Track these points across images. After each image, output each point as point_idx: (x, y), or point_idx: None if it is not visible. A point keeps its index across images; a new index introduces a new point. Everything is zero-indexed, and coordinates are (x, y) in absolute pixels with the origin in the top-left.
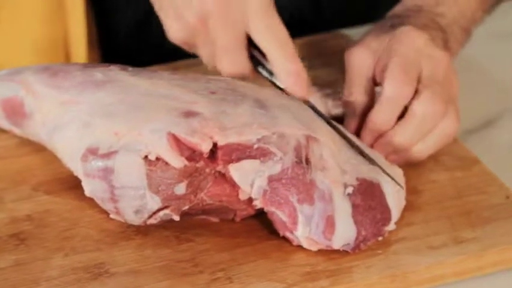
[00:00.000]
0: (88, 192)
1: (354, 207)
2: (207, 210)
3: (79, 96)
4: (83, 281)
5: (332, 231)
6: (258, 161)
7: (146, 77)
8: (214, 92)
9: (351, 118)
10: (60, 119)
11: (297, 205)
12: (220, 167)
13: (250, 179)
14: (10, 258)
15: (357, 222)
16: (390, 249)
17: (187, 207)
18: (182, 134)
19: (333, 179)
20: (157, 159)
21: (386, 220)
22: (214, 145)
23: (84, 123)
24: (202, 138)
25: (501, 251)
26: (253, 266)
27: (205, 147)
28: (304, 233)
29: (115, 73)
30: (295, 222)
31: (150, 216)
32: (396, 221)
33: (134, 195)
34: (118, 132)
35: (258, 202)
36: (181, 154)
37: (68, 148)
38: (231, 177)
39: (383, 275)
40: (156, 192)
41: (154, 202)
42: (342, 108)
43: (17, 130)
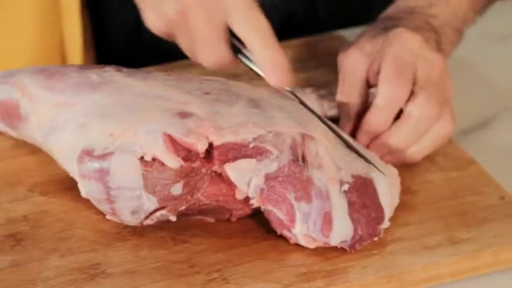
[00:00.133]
0: (84, 194)
1: (350, 204)
2: (203, 211)
3: (74, 97)
4: (79, 281)
5: (330, 228)
6: (254, 160)
7: (141, 78)
8: (208, 93)
9: (346, 120)
10: (55, 120)
11: (294, 202)
12: (216, 166)
13: (246, 178)
14: (6, 259)
15: (353, 220)
16: (386, 250)
17: (184, 208)
18: (178, 135)
19: (330, 176)
20: (153, 159)
21: (380, 219)
22: (210, 145)
23: (79, 124)
24: (198, 138)
25: (496, 252)
26: (249, 267)
27: (201, 147)
28: (302, 230)
29: (110, 74)
30: (293, 220)
31: (147, 216)
32: (391, 219)
33: (131, 196)
34: (113, 134)
35: (255, 201)
36: (177, 154)
37: (63, 150)
38: (227, 176)
39: (379, 276)
40: (152, 193)
41: (150, 203)
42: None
43: (12, 132)
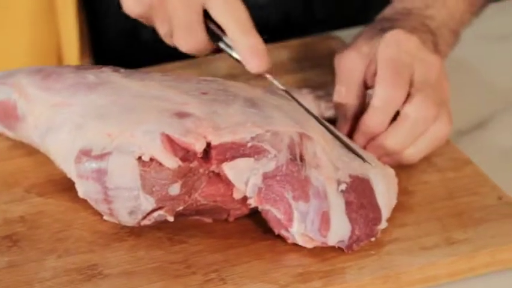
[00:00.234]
0: (82, 194)
1: (348, 204)
2: (200, 211)
3: (71, 98)
4: (76, 282)
5: (327, 228)
6: (252, 159)
7: (138, 79)
8: (205, 93)
9: (343, 122)
10: (52, 121)
11: (292, 202)
12: (214, 166)
13: (244, 177)
14: (3, 260)
15: (351, 220)
16: (383, 250)
17: (182, 208)
18: (176, 135)
19: (327, 175)
20: (151, 160)
21: (377, 219)
22: (208, 145)
23: (77, 125)
24: (196, 138)
25: (493, 252)
26: (246, 267)
27: (198, 147)
28: (299, 229)
29: (107, 75)
30: (290, 219)
31: (144, 217)
32: (388, 220)
33: (128, 196)
34: (111, 134)
35: (253, 200)
36: (175, 154)
37: (61, 150)
38: (225, 176)
39: (376, 276)
40: (150, 193)
41: (148, 203)
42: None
43: (9, 133)
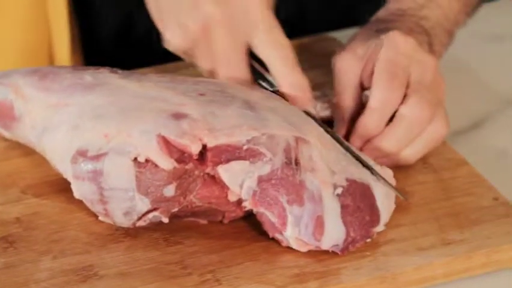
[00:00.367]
0: (77, 195)
1: (343, 207)
2: (195, 213)
3: (68, 98)
4: (72, 283)
5: (321, 232)
6: (247, 162)
7: (136, 80)
8: (202, 94)
9: (341, 123)
10: (49, 121)
11: (286, 206)
12: (209, 168)
13: (239, 179)
14: None
15: (346, 223)
16: (379, 251)
17: (176, 209)
18: (172, 136)
19: (323, 179)
20: (147, 161)
21: (375, 222)
22: (204, 147)
23: (73, 125)
24: (192, 140)
25: (489, 253)
26: (242, 268)
27: (194, 149)
28: (293, 233)
29: (104, 76)
30: (284, 223)
31: (139, 218)
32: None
33: (124, 197)
34: (108, 135)
35: (248, 203)
36: (171, 156)
37: (57, 150)
38: (220, 178)
39: (372, 277)
40: (145, 194)
41: (143, 204)
42: (330, 110)
43: (5, 133)
